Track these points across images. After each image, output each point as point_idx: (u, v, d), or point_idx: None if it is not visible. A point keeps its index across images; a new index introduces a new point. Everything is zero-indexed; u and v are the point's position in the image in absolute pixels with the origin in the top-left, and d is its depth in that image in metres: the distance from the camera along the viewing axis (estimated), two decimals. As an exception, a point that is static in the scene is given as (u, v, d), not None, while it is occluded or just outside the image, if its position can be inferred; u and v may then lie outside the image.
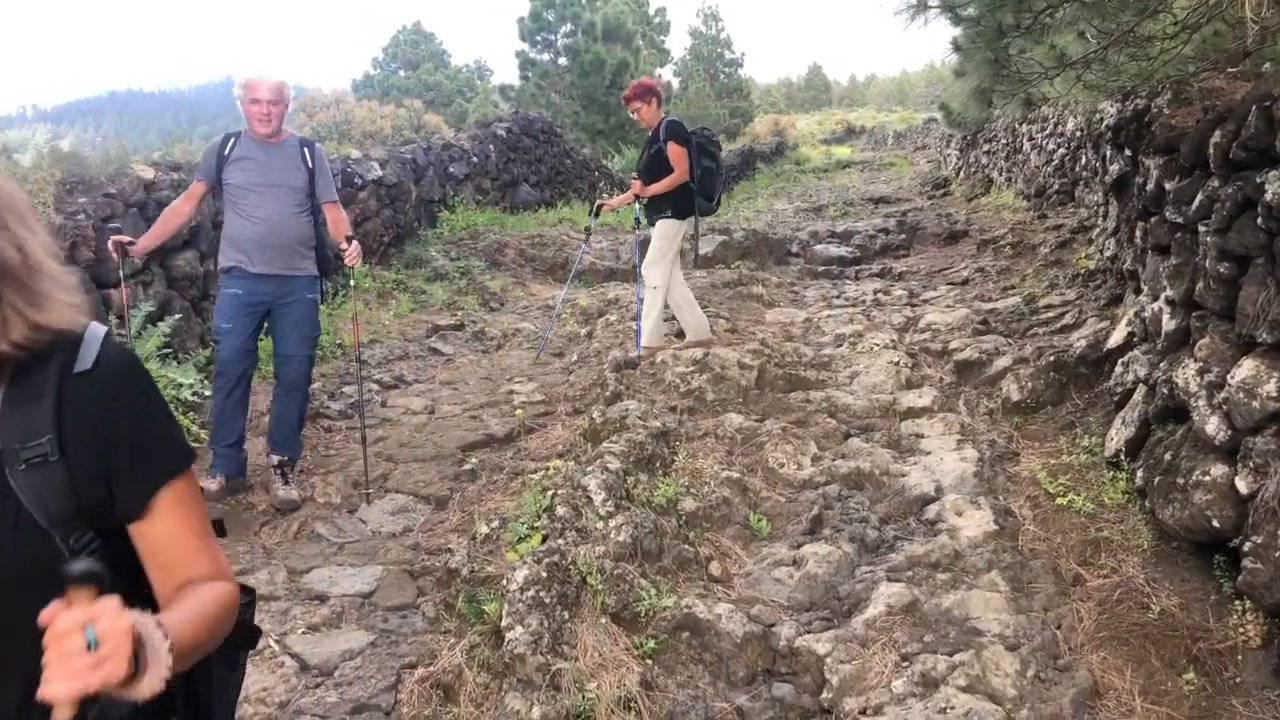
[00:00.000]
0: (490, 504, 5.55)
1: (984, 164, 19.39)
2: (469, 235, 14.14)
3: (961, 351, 7.32)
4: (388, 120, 23.04)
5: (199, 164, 5.84)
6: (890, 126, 49.92)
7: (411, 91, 49.59)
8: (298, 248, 5.72)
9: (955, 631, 4.05)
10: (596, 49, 29.98)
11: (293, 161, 5.71)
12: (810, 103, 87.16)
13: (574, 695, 3.75)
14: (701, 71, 52.30)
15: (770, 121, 50.42)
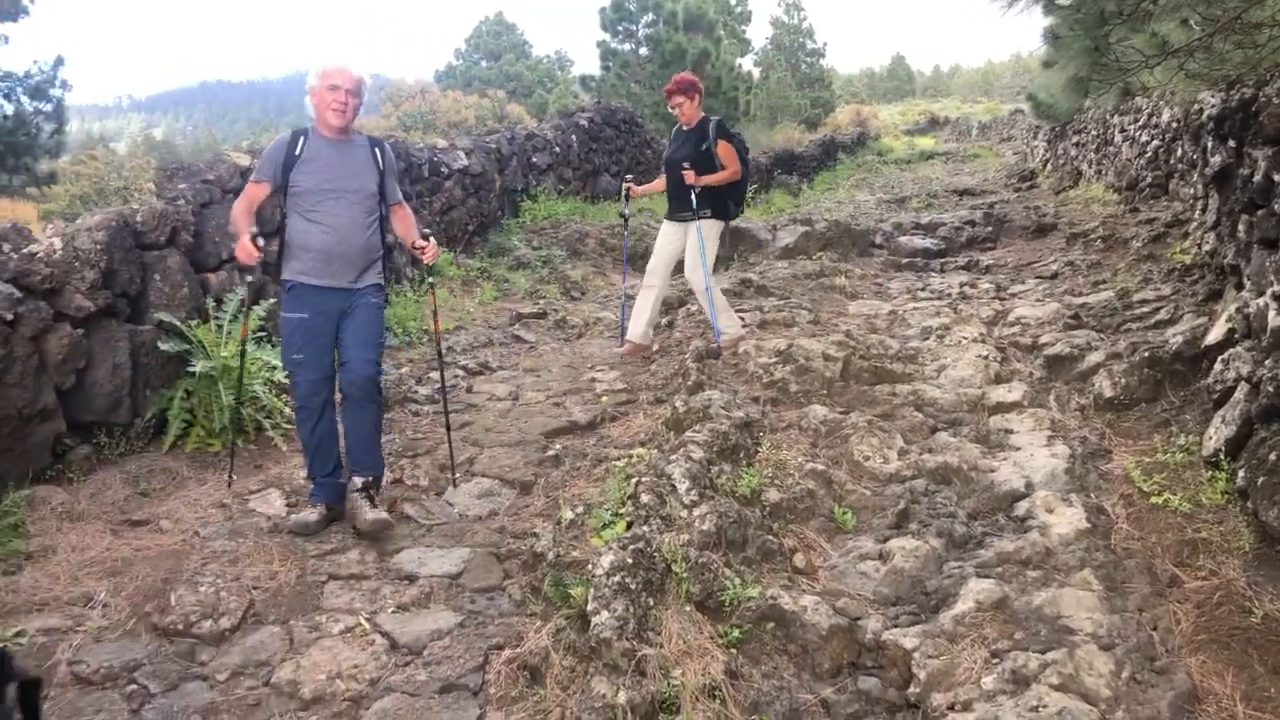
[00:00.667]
0: (574, 490, 5.60)
1: (1073, 156, 18.95)
2: (550, 224, 14.24)
3: (1052, 346, 7.18)
4: (471, 110, 23.28)
5: (259, 164, 5.23)
6: (975, 117, 49.03)
7: (493, 82, 49.99)
8: (368, 258, 5.25)
9: (1047, 629, 3.98)
10: (678, 39, 29.91)
11: (365, 163, 5.25)
12: (893, 93, 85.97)
13: (659, 681, 3.77)
14: (783, 61, 51.89)
15: (852, 112, 49.85)
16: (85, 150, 29.21)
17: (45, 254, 5.71)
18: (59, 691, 3.93)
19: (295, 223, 5.12)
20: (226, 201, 7.22)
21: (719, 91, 30.34)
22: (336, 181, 5.10)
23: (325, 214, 5.07)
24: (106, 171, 23.61)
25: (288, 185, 5.07)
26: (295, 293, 5.12)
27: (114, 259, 6.09)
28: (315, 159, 5.09)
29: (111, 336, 6.04)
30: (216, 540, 5.17)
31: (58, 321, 5.66)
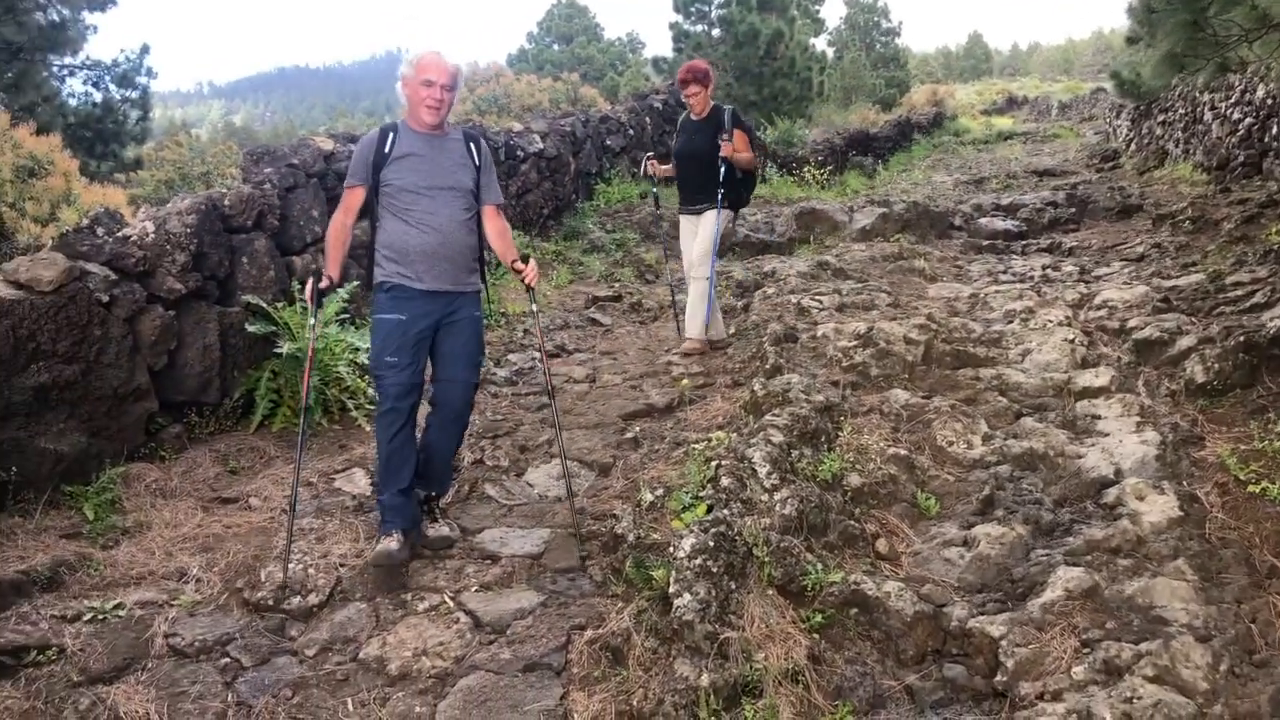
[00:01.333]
0: (653, 472, 5.60)
1: (1158, 135, 18.42)
2: (624, 207, 14.24)
3: (1141, 330, 6.99)
4: (545, 94, 23.34)
5: (350, 166, 4.89)
6: (1054, 96, 47.87)
7: (565, 65, 50.05)
8: (469, 259, 4.89)
9: (1139, 620, 3.89)
10: (751, 19, 29.60)
11: (460, 159, 4.87)
12: (969, 72, 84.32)
13: (742, 665, 3.76)
14: (857, 41, 51.21)
15: (928, 91, 48.96)
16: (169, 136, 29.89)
17: (138, 237, 5.86)
18: (156, 663, 4.05)
19: (391, 224, 4.76)
20: (311, 186, 7.35)
21: (792, 72, 30.00)
22: (433, 179, 4.74)
23: (423, 213, 4.70)
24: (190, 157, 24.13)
25: (379, 184, 4.73)
26: (393, 295, 4.74)
27: (203, 242, 6.23)
28: (408, 155, 4.73)
29: (201, 318, 6.19)
30: (304, 518, 5.27)
31: (150, 303, 5.81)
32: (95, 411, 5.44)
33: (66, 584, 4.57)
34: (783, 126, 24.57)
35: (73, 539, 4.96)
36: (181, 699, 3.82)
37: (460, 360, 4.87)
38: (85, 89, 21.74)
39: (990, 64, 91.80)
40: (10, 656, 3.99)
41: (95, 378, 5.41)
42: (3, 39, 16.05)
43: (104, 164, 21.12)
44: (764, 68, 29.46)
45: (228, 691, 3.91)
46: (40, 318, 5.11)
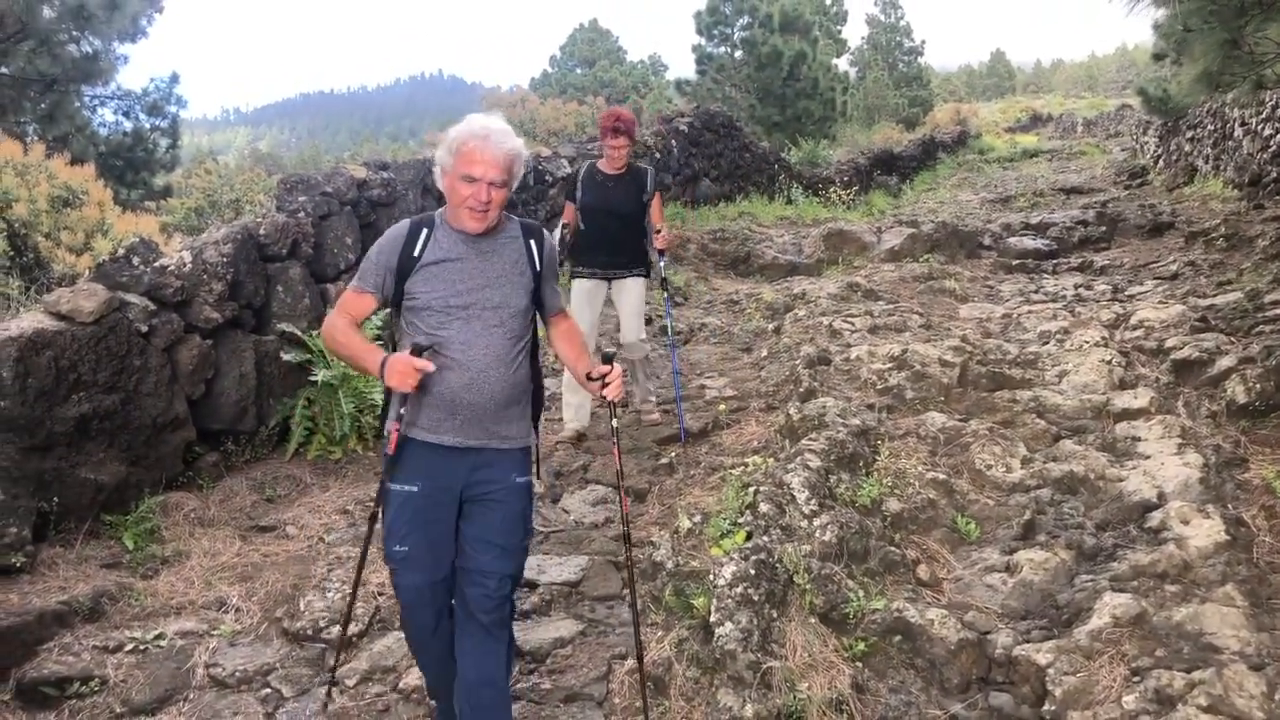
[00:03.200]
0: (690, 498, 5.58)
1: (1187, 151, 18.30)
2: (651, 230, 14.25)
3: (1179, 350, 6.92)
4: (570, 118, 23.48)
5: (363, 266, 3.57)
6: (1079, 113, 47.71)
7: (588, 88, 50.35)
8: (513, 404, 3.56)
9: (1190, 647, 3.83)
10: (774, 41, 29.71)
11: (515, 264, 3.55)
12: (993, 90, 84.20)
13: (785, 694, 3.73)
14: (879, 61, 51.25)
15: (951, 110, 48.96)
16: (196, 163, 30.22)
17: (176, 267, 5.91)
18: (197, 694, 4.06)
19: (407, 346, 3.42)
20: (344, 213, 7.39)
21: (816, 93, 30.07)
22: (473, 294, 3.46)
23: (454, 340, 3.42)
24: (218, 184, 24.39)
25: (402, 296, 3.48)
26: (406, 454, 3.48)
27: (240, 271, 6.28)
28: (444, 261, 3.46)
29: (238, 347, 6.23)
30: (341, 546, 5.28)
31: (188, 333, 5.86)
32: (134, 441, 5.48)
33: (108, 614, 4.59)
34: (807, 147, 24.61)
35: (113, 569, 4.99)
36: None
37: (493, 548, 3.47)
38: (116, 118, 22.02)
39: (1013, 81, 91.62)
40: (54, 688, 4.01)
41: (134, 407, 5.45)
42: (38, 71, 16.29)
43: (134, 192, 21.37)
44: (787, 89, 29.52)
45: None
46: (81, 348, 5.15)
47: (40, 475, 4.99)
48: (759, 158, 20.70)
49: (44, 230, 10.07)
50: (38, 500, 4.95)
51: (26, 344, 4.90)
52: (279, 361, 6.45)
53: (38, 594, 4.53)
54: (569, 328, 3.80)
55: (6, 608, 4.31)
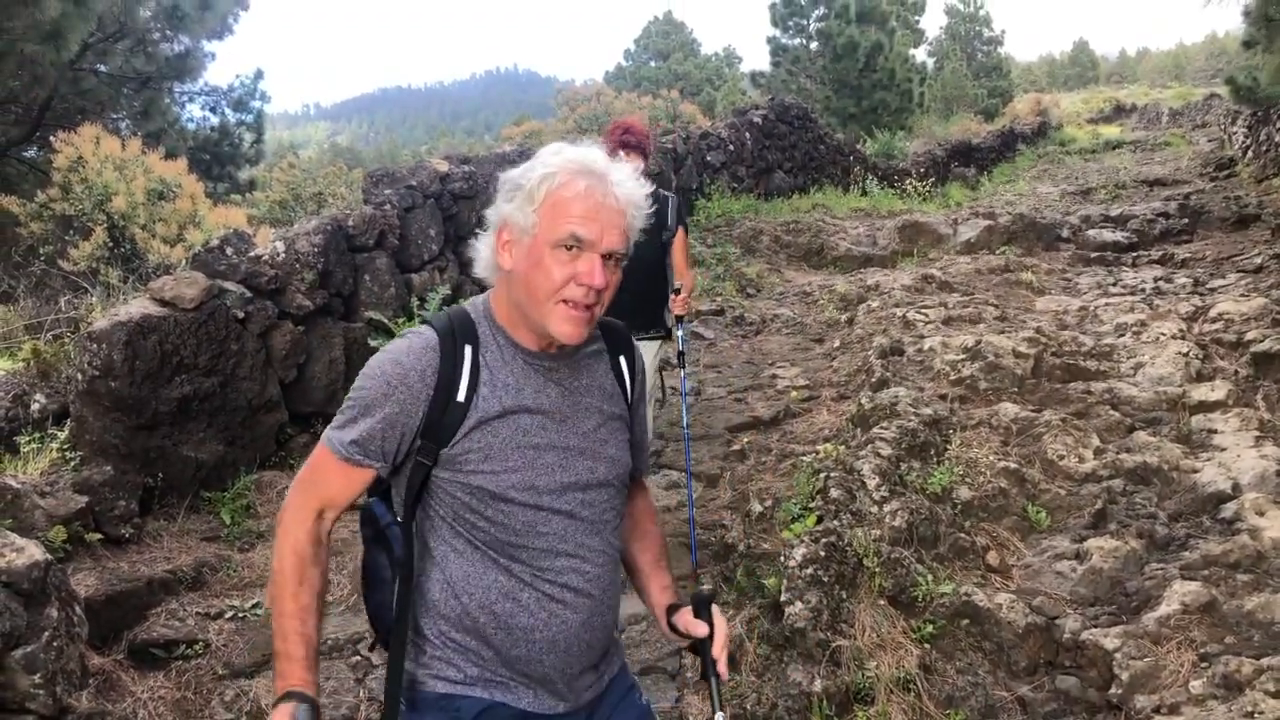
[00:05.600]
0: (761, 484, 5.69)
1: (1277, 142, 17.82)
2: (725, 222, 14.36)
3: (1260, 343, 6.83)
4: (645, 111, 23.60)
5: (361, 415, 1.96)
6: (1164, 103, 46.47)
7: (662, 81, 50.41)
8: (616, 618, 2.21)
9: (1260, 635, 3.86)
10: (850, 32, 29.49)
11: (607, 394, 2.15)
12: (1075, 80, 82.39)
13: (853, 672, 3.84)
14: (958, 51, 50.50)
15: (1032, 101, 48.05)
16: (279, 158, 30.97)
17: (269, 257, 6.19)
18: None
19: (470, 567, 1.99)
20: (428, 206, 7.64)
21: (892, 84, 29.80)
22: (576, 466, 2.04)
23: (560, 552, 2.00)
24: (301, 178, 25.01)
25: (437, 465, 1.97)
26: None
27: (329, 261, 6.54)
28: (518, 413, 2.00)
29: (327, 333, 6.50)
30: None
31: (281, 319, 6.13)
32: (231, 422, 5.76)
33: (209, 583, 4.87)
34: (883, 139, 24.43)
35: (212, 541, 5.27)
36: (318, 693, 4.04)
37: None
38: (204, 114, 22.68)
39: (1096, 71, 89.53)
40: (162, 650, 4.28)
41: (232, 390, 5.73)
42: (134, 69, 16.90)
43: (220, 185, 22.02)
44: (863, 80, 29.32)
45: (359, 687, 4.13)
46: (183, 333, 5.44)
47: (146, 453, 5.29)
48: (833, 150, 20.64)
49: (140, 222, 10.48)
50: (143, 476, 5.25)
51: (135, 328, 5.20)
52: (367, 348, 6.70)
53: (145, 563, 4.82)
54: (647, 506, 2.40)
55: (118, 574, 4.60)
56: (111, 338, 5.12)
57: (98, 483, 4.90)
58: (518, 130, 26.15)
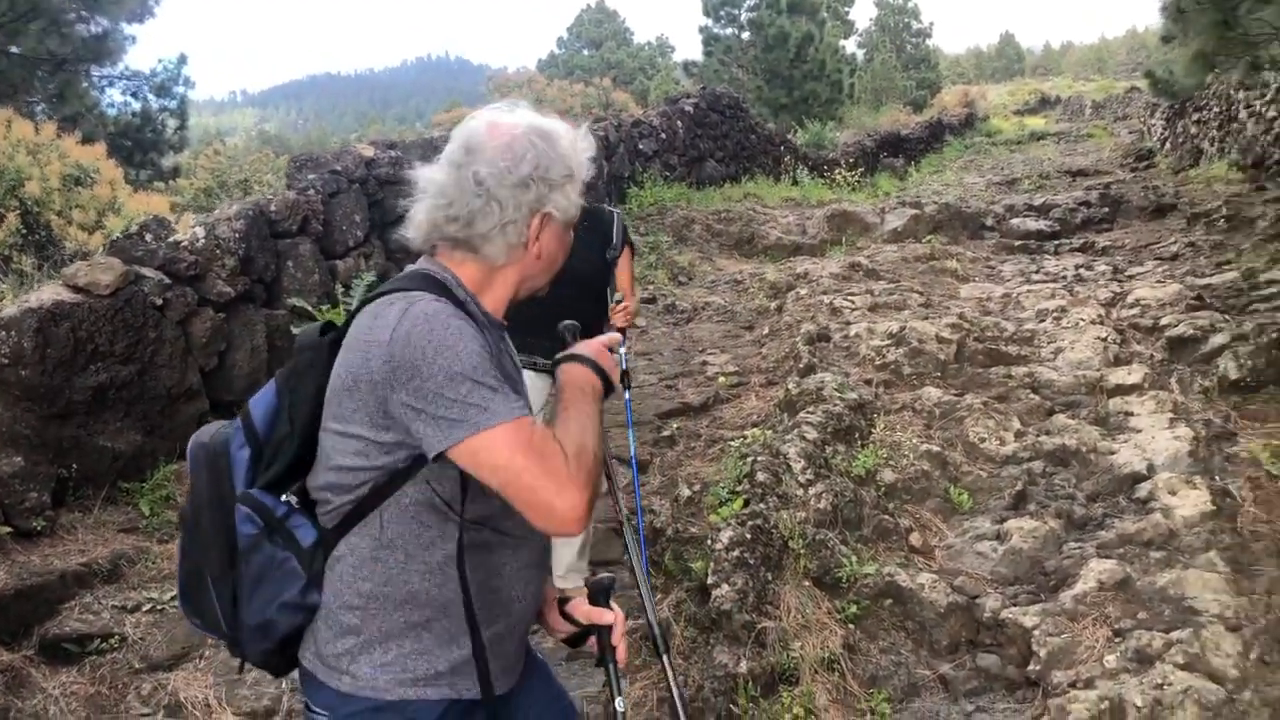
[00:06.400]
0: (690, 469, 5.72)
1: (1193, 134, 18.32)
2: (656, 211, 14.36)
3: (1174, 328, 7.03)
4: (578, 99, 23.54)
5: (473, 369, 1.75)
6: (1087, 96, 47.50)
7: (595, 70, 50.30)
8: None
9: (1171, 610, 3.97)
10: (781, 22, 29.69)
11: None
12: (1001, 72, 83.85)
13: (779, 653, 3.88)
14: (887, 43, 51.10)
15: (959, 93, 48.77)
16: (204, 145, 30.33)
17: (189, 243, 6.05)
18: (213, 651, 4.22)
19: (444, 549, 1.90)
20: (353, 191, 7.53)
21: (823, 75, 30.05)
22: None
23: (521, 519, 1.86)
24: (227, 165, 24.50)
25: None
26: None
27: (251, 247, 6.42)
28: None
29: (249, 320, 6.38)
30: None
31: (201, 306, 6.00)
32: (150, 411, 5.62)
33: (126, 576, 4.75)
34: (813, 129, 24.64)
35: (130, 533, 5.14)
36: (239, 685, 3.98)
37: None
38: (124, 99, 22.10)
39: (1022, 64, 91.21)
40: (75, 644, 4.17)
41: (150, 378, 5.60)
42: (48, 51, 16.39)
43: (143, 172, 21.48)
44: (794, 70, 29.53)
45: (283, 678, 4.06)
46: (98, 320, 5.29)
47: (59, 443, 5.14)
48: (765, 139, 20.75)
49: (56, 208, 10.17)
50: (57, 467, 5.10)
51: (46, 315, 5.05)
52: (289, 335, 6.59)
53: (58, 556, 4.69)
54: None
55: (29, 568, 4.47)
56: (21, 325, 4.96)
57: (7, 474, 4.76)
58: (448, 117, 25.90)
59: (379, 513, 1.85)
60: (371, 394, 1.77)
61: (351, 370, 1.80)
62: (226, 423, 2.02)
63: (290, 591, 1.88)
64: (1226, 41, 5.72)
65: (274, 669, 2.02)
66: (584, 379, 1.92)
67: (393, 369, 1.74)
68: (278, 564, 1.88)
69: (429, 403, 1.72)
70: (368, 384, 1.77)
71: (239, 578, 1.90)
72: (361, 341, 1.80)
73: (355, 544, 1.87)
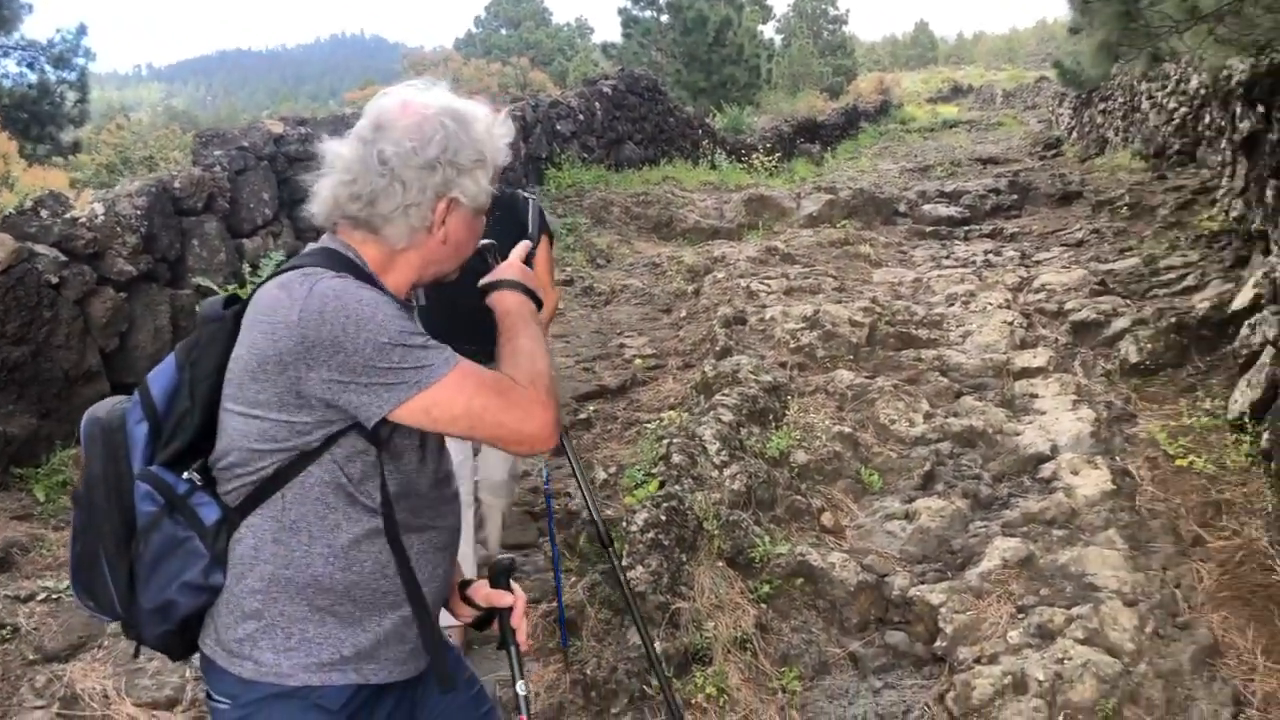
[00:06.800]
0: (606, 451, 5.71)
1: (1099, 124, 18.80)
2: (575, 192, 14.29)
3: (1078, 312, 7.22)
4: (495, 78, 23.30)
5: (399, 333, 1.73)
6: (998, 85, 48.50)
7: (513, 50, 49.85)
8: None
9: (1072, 586, 4.08)
10: (699, 5, 29.73)
11: None
12: (916, 60, 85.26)
13: (692, 634, 3.90)
14: (805, 29, 51.56)
15: (875, 80, 49.43)
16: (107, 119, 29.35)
17: (88, 219, 5.84)
18: (111, 641, 4.09)
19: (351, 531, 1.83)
20: (261, 169, 7.35)
21: (741, 59, 30.20)
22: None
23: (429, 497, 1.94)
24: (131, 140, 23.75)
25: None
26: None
27: (154, 224, 6.22)
28: None
29: (152, 300, 6.19)
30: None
31: (101, 285, 5.80)
32: (45, 393, 5.42)
33: (19, 564, 4.58)
34: (731, 114, 24.75)
35: (24, 520, 4.96)
36: (139, 675, 3.86)
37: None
38: (20, 70, 21.30)
39: (936, 53, 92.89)
40: (-36, 636, 4.01)
41: (45, 359, 5.40)
42: (-63, 18, 15.70)
43: (40, 147, 20.72)
44: (713, 54, 29.60)
45: (184, 666, 3.96)
46: (-11, 299, 5.09)
47: (-53, 427, 4.94)
48: (683, 123, 20.78)
49: (-55, 182, 9.79)
50: (-56, 452, 4.90)
51: (-68, 293, 4.84)
52: (195, 316, 6.42)
53: (-54, 544, 4.51)
54: None
55: (-86, 557, 4.29)
56: (-94, 303, 4.75)
57: (-108, 459, 4.56)
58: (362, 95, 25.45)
59: (281, 494, 1.80)
60: (281, 375, 1.72)
61: (256, 351, 1.74)
62: (123, 398, 1.94)
63: (192, 571, 1.82)
64: (1130, 33, 5.86)
65: (173, 652, 1.96)
66: (518, 305, 1.97)
67: (307, 348, 1.69)
68: (179, 543, 1.82)
69: (359, 374, 1.69)
70: (275, 365, 1.72)
71: (137, 558, 1.83)
72: (265, 321, 1.74)
73: (257, 525, 1.82)
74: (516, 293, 1.98)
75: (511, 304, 1.97)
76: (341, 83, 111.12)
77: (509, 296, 1.98)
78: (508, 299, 1.98)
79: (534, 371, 1.83)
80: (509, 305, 1.97)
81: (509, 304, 1.97)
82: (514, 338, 1.91)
